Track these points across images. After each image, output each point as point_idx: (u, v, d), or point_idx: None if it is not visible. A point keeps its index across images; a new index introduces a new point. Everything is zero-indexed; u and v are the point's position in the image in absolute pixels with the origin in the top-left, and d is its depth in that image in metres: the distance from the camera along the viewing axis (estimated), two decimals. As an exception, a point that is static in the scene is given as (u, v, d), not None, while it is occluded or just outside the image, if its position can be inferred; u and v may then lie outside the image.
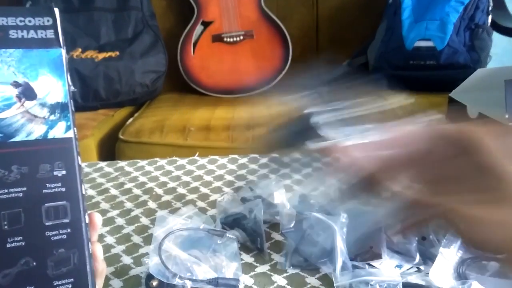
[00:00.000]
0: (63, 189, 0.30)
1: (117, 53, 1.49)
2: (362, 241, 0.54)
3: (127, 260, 0.57)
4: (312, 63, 0.44)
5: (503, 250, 0.26)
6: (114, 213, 0.68)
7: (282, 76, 1.66)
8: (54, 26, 0.30)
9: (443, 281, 0.49)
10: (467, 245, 0.38)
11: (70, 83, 0.32)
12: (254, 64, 1.65)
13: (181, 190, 0.75)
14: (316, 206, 0.60)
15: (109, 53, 1.48)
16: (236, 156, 0.89)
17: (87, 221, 0.31)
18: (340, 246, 0.52)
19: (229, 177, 0.80)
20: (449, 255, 0.52)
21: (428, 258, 0.53)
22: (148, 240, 0.61)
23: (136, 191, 0.75)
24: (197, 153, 0.91)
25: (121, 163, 0.87)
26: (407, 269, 0.53)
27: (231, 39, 1.62)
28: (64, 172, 0.30)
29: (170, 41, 1.64)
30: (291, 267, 0.54)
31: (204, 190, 0.75)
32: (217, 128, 1.26)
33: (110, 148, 1.29)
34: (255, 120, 1.28)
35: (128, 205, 0.71)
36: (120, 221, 0.66)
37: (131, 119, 1.39)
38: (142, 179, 0.80)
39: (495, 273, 0.52)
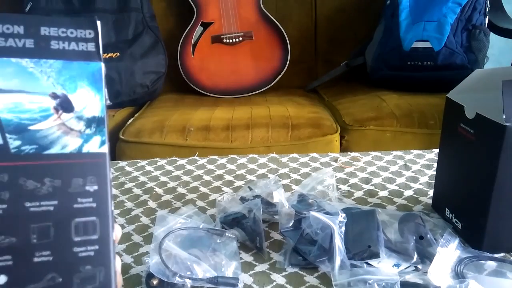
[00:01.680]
0: (94, 205, 0.29)
1: (118, 54, 1.50)
2: (360, 240, 0.54)
3: (127, 259, 0.57)
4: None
5: None
6: (114, 212, 0.69)
7: (281, 77, 1.67)
8: (95, 39, 0.30)
9: (441, 280, 0.49)
10: None
11: (107, 97, 0.31)
12: (253, 65, 1.65)
13: (181, 190, 0.76)
14: (314, 206, 0.60)
15: (110, 54, 1.49)
16: (235, 156, 0.89)
17: (114, 237, 0.30)
18: (339, 245, 0.52)
19: (228, 177, 0.80)
20: (447, 254, 0.52)
21: (425, 257, 0.54)
22: (148, 239, 0.61)
23: (136, 191, 0.76)
24: (197, 153, 0.92)
25: (122, 163, 0.87)
26: (405, 268, 0.53)
27: (231, 40, 1.63)
28: (96, 187, 0.29)
29: (170, 42, 1.64)
30: (290, 266, 0.54)
31: (203, 189, 0.76)
32: (217, 128, 1.26)
33: (111, 148, 1.29)
34: (254, 120, 1.29)
35: (129, 204, 0.71)
36: (120, 220, 0.66)
37: (131, 120, 1.39)
38: (142, 179, 0.80)
39: (493, 272, 0.52)
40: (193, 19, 1.63)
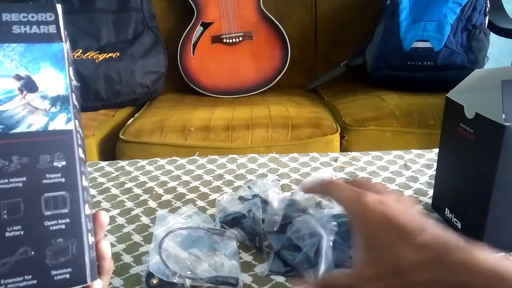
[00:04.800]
0: (63, 180, 0.30)
1: (118, 54, 1.50)
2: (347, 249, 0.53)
3: (127, 258, 0.57)
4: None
5: None
6: (114, 212, 0.69)
7: (281, 77, 1.67)
8: (56, 22, 0.31)
9: None
10: None
11: (73, 78, 0.32)
12: (253, 65, 1.65)
13: (181, 190, 0.76)
14: (305, 211, 0.59)
15: (110, 54, 1.49)
16: (235, 155, 0.89)
17: (87, 212, 0.31)
18: (326, 253, 0.51)
19: (228, 177, 0.80)
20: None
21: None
22: (148, 239, 0.61)
23: (137, 191, 0.76)
24: (197, 153, 0.92)
25: (122, 163, 0.87)
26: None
27: (231, 40, 1.63)
28: (64, 163, 0.30)
29: (170, 42, 1.64)
30: (269, 273, 0.53)
31: (203, 189, 0.76)
32: (217, 128, 1.26)
33: (111, 148, 1.30)
34: (254, 120, 1.29)
35: (129, 204, 0.71)
36: (120, 220, 0.67)
37: (131, 120, 1.39)
38: (143, 178, 0.80)
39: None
40: (193, 19, 1.63)
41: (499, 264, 0.30)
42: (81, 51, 1.47)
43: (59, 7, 0.31)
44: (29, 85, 0.30)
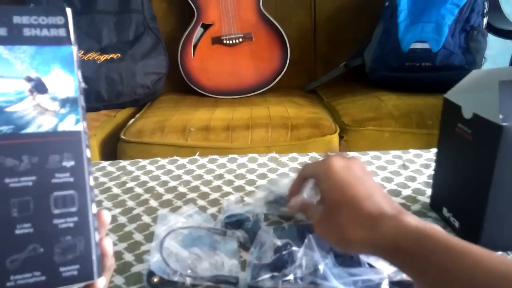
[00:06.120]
0: (71, 179, 0.31)
1: (119, 55, 1.50)
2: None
3: (128, 257, 0.58)
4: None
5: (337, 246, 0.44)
6: (116, 211, 0.69)
7: (281, 78, 1.67)
8: (66, 25, 0.32)
9: None
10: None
11: (81, 80, 0.33)
12: (253, 66, 1.66)
13: (181, 189, 0.76)
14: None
15: (111, 55, 1.50)
16: (235, 155, 0.90)
17: (94, 211, 0.32)
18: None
19: (228, 176, 0.81)
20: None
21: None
22: (149, 238, 0.62)
23: (138, 190, 0.76)
24: (198, 153, 0.93)
25: (123, 163, 0.88)
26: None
27: (231, 41, 1.63)
28: (72, 163, 0.31)
29: (171, 43, 1.65)
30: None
31: (204, 189, 0.76)
32: (217, 129, 1.27)
33: (112, 148, 1.30)
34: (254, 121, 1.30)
35: (130, 203, 0.72)
36: (122, 219, 0.67)
37: (132, 120, 1.40)
38: (144, 178, 0.81)
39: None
40: (193, 20, 1.64)
41: (424, 227, 0.38)
42: (82, 52, 1.48)
43: (69, 11, 0.32)
44: (39, 87, 0.31)
